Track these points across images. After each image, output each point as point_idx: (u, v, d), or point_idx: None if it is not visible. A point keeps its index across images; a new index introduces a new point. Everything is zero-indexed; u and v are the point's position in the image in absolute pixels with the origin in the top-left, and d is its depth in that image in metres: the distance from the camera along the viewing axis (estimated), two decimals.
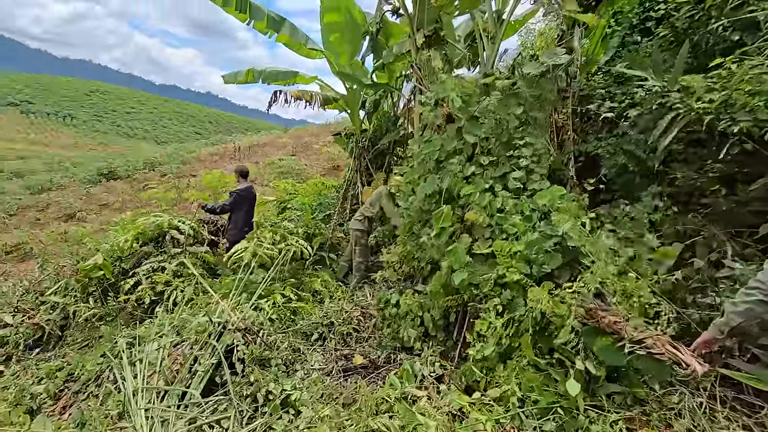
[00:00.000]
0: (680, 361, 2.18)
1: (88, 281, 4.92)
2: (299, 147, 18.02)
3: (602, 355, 2.47)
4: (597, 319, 2.53)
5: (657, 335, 2.33)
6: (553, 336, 2.63)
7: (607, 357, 2.47)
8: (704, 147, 3.78)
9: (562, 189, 3.45)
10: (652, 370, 2.47)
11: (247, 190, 5.72)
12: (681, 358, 2.18)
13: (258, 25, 6.03)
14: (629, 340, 2.34)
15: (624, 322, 2.42)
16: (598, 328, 2.52)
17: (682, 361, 2.17)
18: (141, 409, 3.10)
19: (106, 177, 16.61)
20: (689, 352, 2.23)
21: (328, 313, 4.22)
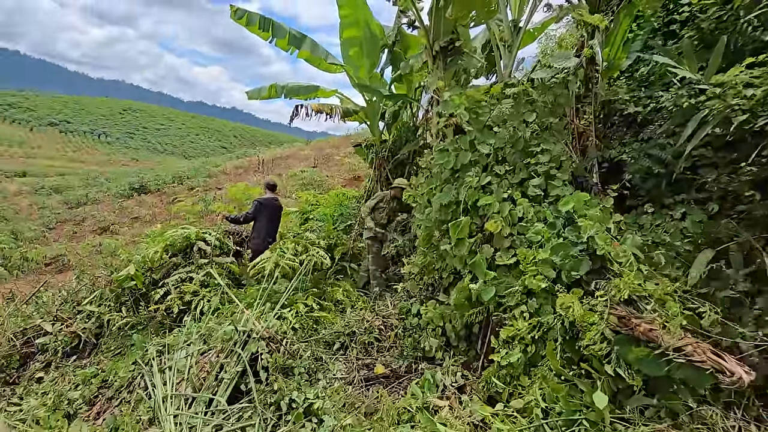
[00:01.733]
0: (724, 369, 2.08)
1: (121, 291, 5.14)
2: (321, 159, 18.33)
3: (638, 365, 2.39)
4: (631, 327, 2.45)
5: (697, 342, 2.24)
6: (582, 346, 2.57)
7: (643, 367, 2.39)
8: (735, 150, 3.66)
9: (586, 195, 3.39)
10: (692, 379, 2.36)
11: (269, 200, 5.80)
12: (725, 366, 2.08)
13: (280, 42, 6.24)
14: (667, 348, 2.25)
15: (660, 330, 2.33)
16: (632, 336, 2.44)
17: (726, 369, 2.07)
18: (170, 415, 3.20)
19: (137, 191, 17.34)
20: (734, 360, 2.12)
21: (350, 323, 4.24)
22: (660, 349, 2.28)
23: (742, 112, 3.26)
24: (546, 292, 2.90)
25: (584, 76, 5.17)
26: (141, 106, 73.10)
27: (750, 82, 3.23)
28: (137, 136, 61.32)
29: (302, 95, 6.79)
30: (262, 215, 5.70)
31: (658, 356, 2.30)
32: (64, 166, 35.54)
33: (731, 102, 3.26)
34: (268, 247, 5.25)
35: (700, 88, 3.71)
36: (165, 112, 73.51)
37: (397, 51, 6.79)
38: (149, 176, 19.32)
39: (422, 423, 2.54)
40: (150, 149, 57.53)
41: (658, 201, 4.05)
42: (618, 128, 5.32)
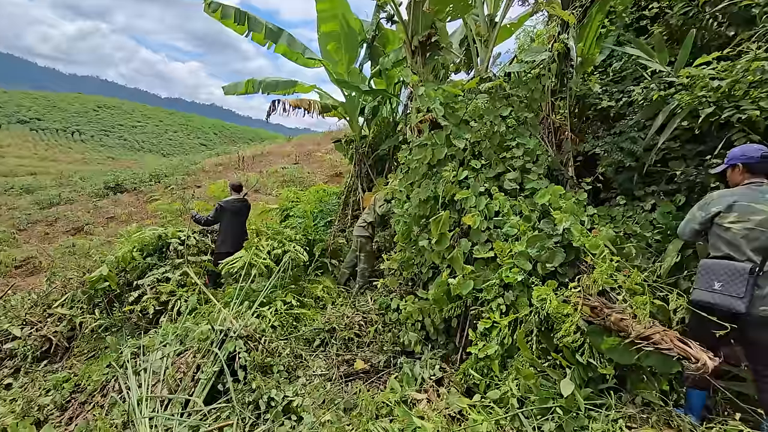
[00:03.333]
0: (689, 356, 2.15)
1: (94, 293, 4.99)
2: (302, 155, 18.15)
3: (610, 354, 2.44)
4: (603, 317, 2.50)
5: (664, 330, 2.30)
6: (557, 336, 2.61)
7: (615, 356, 2.45)
8: (702, 143, 3.77)
9: (561, 188, 3.45)
10: (660, 366, 2.43)
11: (231, 202, 5.53)
12: (690, 353, 2.15)
13: (256, 36, 6.13)
14: (636, 337, 2.31)
15: (630, 319, 2.39)
16: (604, 326, 2.50)
17: (692, 355, 2.14)
18: (145, 417, 3.13)
19: (113, 190, 16.84)
20: (699, 347, 2.19)
21: (330, 319, 4.23)
22: (630, 338, 2.34)
23: (708, 105, 3.37)
24: (522, 284, 2.94)
25: (559, 71, 5.25)
26: (116, 103, 70.91)
27: (715, 76, 3.33)
28: (113, 133, 59.50)
29: (280, 90, 6.69)
30: (225, 218, 5.48)
31: (628, 345, 2.36)
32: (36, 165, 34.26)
33: (699, 94, 3.36)
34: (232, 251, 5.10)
35: (669, 81, 3.81)
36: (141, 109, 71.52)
37: (376, 46, 6.76)
38: (125, 175, 18.79)
39: (400, 417, 2.55)
40: (126, 147, 55.92)
41: (630, 193, 4.16)
42: (592, 122, 5.43)
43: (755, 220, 2.40)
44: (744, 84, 3.21)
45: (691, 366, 2.12)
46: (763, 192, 2.47)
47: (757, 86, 3.23)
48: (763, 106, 3.07)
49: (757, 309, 2.33)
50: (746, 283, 2.32)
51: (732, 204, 2.50)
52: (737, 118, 3.16)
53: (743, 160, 2.58)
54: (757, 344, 2.41)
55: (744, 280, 2.34)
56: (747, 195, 2.49)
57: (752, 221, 2.41)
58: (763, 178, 2.54)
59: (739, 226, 2.45)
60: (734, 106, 3.22)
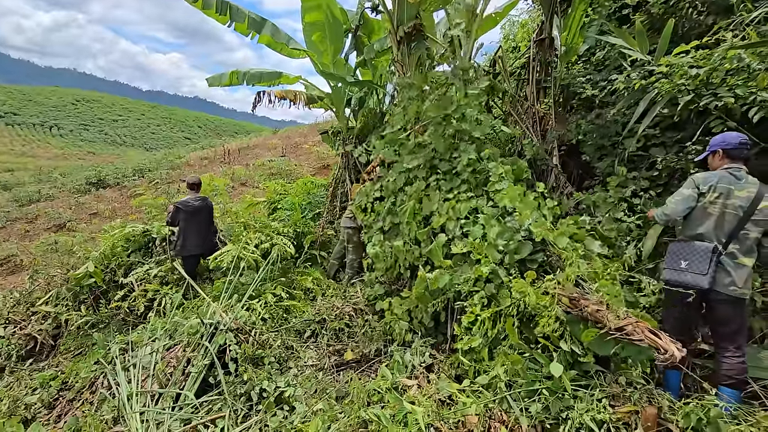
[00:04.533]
0: (659, 346, 2.25)
1: (80, 289, 4.92)
2: (289, 148, 17.99)
3: (590, 346, 2.53)
4: (580, 308, 2.58)
5: (637, 322, 2.39)
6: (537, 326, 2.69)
7: (593, 347, 2.53)
8: (681, 130, 3.86)
9: (521, 188, 3.57)
10: (635, 356, 2.52)
11: (186, 202, 5.11)
12: (660, 344, 2.25)
13: (239, 26, 6.02)
14: (611, 328, 2.40)
15: (606, 311, 2.48)
16: (582, 317, 2.58)
17: (661, 346, 2.24)
18: (136, 412, 3.12)
19: (95, 186, 16.47)
20: (668, 338, 2.29)
21: (321, 310, 4.25)
22: (605, 329, 2.42)
23: (687, 93, 3.44)
24: (498, 276, 3.01)
25: (544, 60, 5.30)
26: (95, 96, 68.96)
27: (694, 64, 3.40)
28: (93, 128, 57.94)
29: (265, 82, 6.60)
30: (182, 220, 5.08)
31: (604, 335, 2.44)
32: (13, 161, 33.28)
33: (678, 82, 3.43)
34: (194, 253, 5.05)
35: (650, 70, 3.87)
36: (122, 102, 69.75)
37: (361, 36, 6.70)
38: (108, 170, 18.36)
39: (391, 403, 2.60)
40: (108, 142, 54.56)
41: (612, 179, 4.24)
42: (576, 111, 5.50)
43: (729, 204, 2.55)
44: (721, 72, 3.29)
45: (660, 357, 2.22)
46: (739, 177, 2.60)
47: (733, 74, 3.31)
48: (739, 94, 3.15)
49: (720, 287, 2.46)
50: (709, 261, 2.49)
51: (714, 185, 2.64)
52: (714, 105, 3.25)
53: (723, 146, 2.71)
54: (721, 322, 2.55)
55: (707, 258, 2.51)
56: (725, 178, 2.63)
57: (727, 204, 2.55)
58: (741, 163, 2.67)
59: (715, 208, 2.60)
60: (712, 93, 3.30)
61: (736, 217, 2.51)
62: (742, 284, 2.47)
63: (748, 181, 2.58)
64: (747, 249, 2.51)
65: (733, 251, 2.53)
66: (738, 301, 2.48)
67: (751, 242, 2.50)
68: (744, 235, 2.50)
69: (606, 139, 4.36)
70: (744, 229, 2.50)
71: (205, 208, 5.24)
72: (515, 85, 5.78)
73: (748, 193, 2.53)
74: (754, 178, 2.61)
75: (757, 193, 2.50)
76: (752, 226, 2.49)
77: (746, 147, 2.65)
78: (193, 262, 5.12)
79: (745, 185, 2.57)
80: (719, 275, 2.51)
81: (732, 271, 2.50)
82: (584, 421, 2.31)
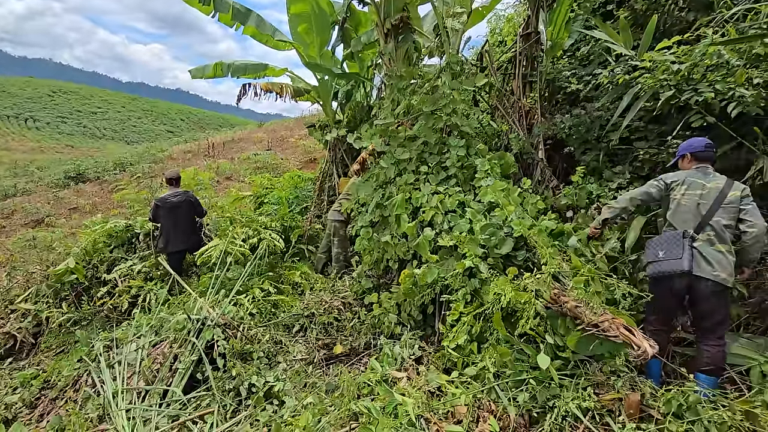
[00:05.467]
0: (633, 342, 2.32)
1: (60, 286, 4.80)
2: (275, 141, 17.77)
3: (572, 346, 2.58)
4: (560, 303, 2.65)
5: (613, 318, 2.46)
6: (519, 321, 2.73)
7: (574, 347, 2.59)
8: (663, 123, 3.94)
9: (503, 183, 3.63)
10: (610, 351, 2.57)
11: (165, 198, 5.00)
12: (633, 340, 2.33)
13: (223, 17, 5.89)
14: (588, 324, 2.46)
15: (584, 307, 2.54)
16: (561, 312, 2.65)
17: (635, 343, 2.31)
18: (122, 410, 3.08)
19: (74, 180, 16.00)
20: (641, 334, 2.38)
21: (309, 305, 4.24)
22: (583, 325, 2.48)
23: (669, 88, 3.51)
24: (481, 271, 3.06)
25: (530, 55, 5.33)
26: (73, 88, 66.79)
27: (675, 60, 3.47)
28: (71, 120, 56.17)
29: (250, 74, 6.50)
30: (163, 217, 4.98)
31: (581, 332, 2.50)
32: None
33: (660, 77, 3.50)
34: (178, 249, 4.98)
35: (633, 65, 3.94)
36: (101, 94, 67.70)
37: (347, 28, 6.63)
38: (87, 164, 17.85)
39: (381, 395, 2.61)
40: (87, 135, 53.00)
41: (597, 173, 4.32)
42: (562, 105, 5.57)
43: (701, 194, 2.72)
44: (701, 67, 3.36)
45: (633, 353, 2.29)
46: (706, 174, 2.80)
47: (713, 70, 3.39)
48: (719, 89, 3.24)
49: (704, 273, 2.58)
50: (682, 246, 2.64)
51: (682, 180, 2.83)
52: (695, 100, 3.32)
53: (690, 150, 2.91)
54: (705, 315, 2.64)
55: (679, 243, 2.66)
56: (694, 174, 2.83)
57: (697, 195, 2.73)
58: (708, 164, 2.86)
59: (687, 198, 2.76)
60: (692, 89, 3.38)
61: (707, 205, 2.68)
62: (723, 270, 2.56)
63: (716, 177, 2.78)
64: (721, 237, 2.62)
65: (710, 238, 2.64)
66: (721, 292, 2.57)
67: (723, 229, 2.62)
68: (716, 222, 2.63)
69: (590, 133, 4.43)
70: (715, 216, 2.64)
71: (186, 203, 5.11)
72: (502, 79, 5.81)
73: (717, 184, 2.72)
74: (721, 175, 2.80)
75: (725, 185, 2.70)
76: (723, 213, 2.64)
77: (712, 149, 2.87)
78: (177, 258, 5.04)
79: (714, 179, 2.76)
80: (699, 262, 2.61)
81: (710, 258, 2.60)
82: (570, 409, 2.37)
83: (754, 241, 2.59)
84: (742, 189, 2.67)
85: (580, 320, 2.52)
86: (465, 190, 3.91)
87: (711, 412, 2.14)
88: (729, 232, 2.63)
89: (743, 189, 2.67)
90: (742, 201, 2.63)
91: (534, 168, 5.03)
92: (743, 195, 2.65)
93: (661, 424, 2.21)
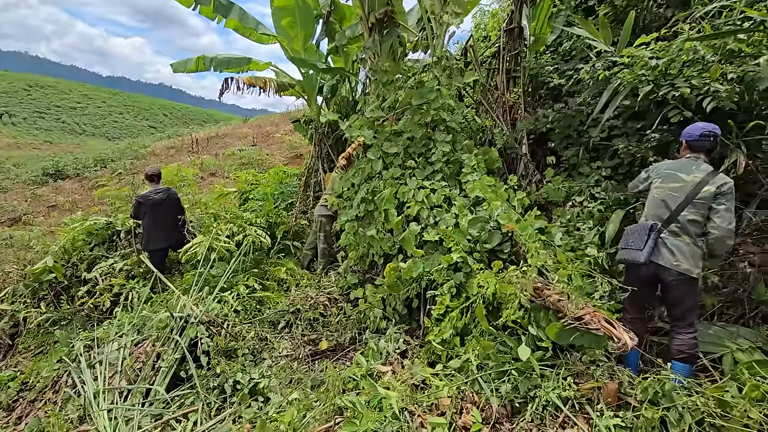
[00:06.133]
0: (613, 335, 2.38)
1: (39, 285, 4.69)
2: (260, 137, 17.55)
3: (552, 336, 2.63)
4: (543, 297, 2.69)
5: (594, 312, 2.52)
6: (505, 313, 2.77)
7: (555, 338, 2.64)
8: (642, 119, 4.02)
9: (491, 179, 3.64)
10: (594, 344, 2.62)
11: (147, 196, 4.92)
12: (614, 333, 2.39)
13: (204, 10, 5.79)
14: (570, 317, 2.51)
15: (566, 300, 2.59)
16: (544, 305, 2.70)
17: (614, 335, 2.37)
18: (103, 410, 3.03)
19: (53, 177, 15.57)
20: (621, 327, 2.44)
21: (294, 301, 4.22)
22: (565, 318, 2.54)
23: (647, 83, 3.57)
24: (468, 265, 3.08)
25: (513, 50, 5.36)
26: (50, 82, 64.68)
27: (653, 56, 3.53)
28: (49, 115, 54.43)
29: (233, 68, 6.39)
30: (145, 214, 4.90)
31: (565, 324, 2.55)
32: None
33: (639, 73, 3.56)
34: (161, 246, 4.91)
35: (613, 60, 3.99)
36: (80, 88, 65.67)
37: (332, 21, 6.57)
38: (66, 160, 17.35)
39: (366, 389, 2.63)
40: (66, 130, 51.49)
41: (578, 168, 4.39)
42: (545, 100, 5.62)
43: (675, 187, 2.75)
44: (678, 63, 3.43)
45: (613, 345, 2.35)
46: (690, 164, 2.79)
47: (690, 65, 3.46)
48: (695, 84, 3.30)
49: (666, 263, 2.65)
50: (646, 237, 2.70)
51: (662, 172, 2.86)
52: (672, 95, 3.39)
53: (686, 137, 2.89)
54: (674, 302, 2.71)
55: (645, 234, 2.73)
56: (677, 165, 2.84)
57: (673, 188, 2.76)
58: (701, 154, 2.82)
59: (659, 192, 2.81)
60: (670, 84, 3.44)
61: (678, 200, 2.71)
62: (685, 260, 2.62)
63: (700, 169, 2.72)
64: (686, 230, 2.67)
65: (675, 230, 2.70)
66: (688, 281, 2.63)
67: (690, 225, 2.66)
68: (683, 216, 2.68)
69: (571, 129, 4.49)
70: (684, 211, 2.68)
71: (168, 200, 5.04)
72: (486, 74, 5.84)
73: (695, 177, 2.70)
74: (708, 166, 2.75)
75: (702, 179, 2.67)
76: (691, 209, 2.66)
77: (708, 139, 2.77)
78: (160, 256, 4.97)
79: (695, 171, 2.72)
80: (663, 252, 2.69)
81: (674, 248, 2.66)
82: (551, 399, 2.42)
83: (714, 242, 2.64)
84: (719, 185, 2.61)
85: (563, 313, 2.57)
86: (451, 185, 3.92)
87: (685, 398, 2.21)
88: (695, 226, 2.67)
89: (721, 185, 2.61)
90: (716, 199, 2.60)
91: (518, 163, 5.08)
92: (719, 192, 2.60)
93: (638, 411, 2.28)
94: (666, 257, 2.67)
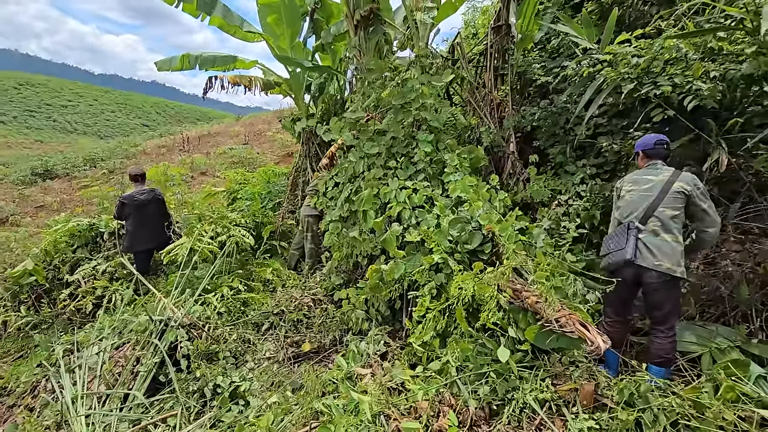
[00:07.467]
0: (587, 338, 2.37)
1: (19, 288, 4.62)
2: (252, 135, 17.44)
3: (530, 339, 2.61)
4: (522, 299, 2.68)
5: (570, 314, 2.50)
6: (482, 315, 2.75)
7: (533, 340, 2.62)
8: (626, 117, 4.00)
9: (473, 179, 3.64)
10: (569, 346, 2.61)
11: (131, 196, 4.85)
12: (588, 336, 2.38)
13: (187, 7, 5.70)
14: (547, 320, 2.50)
15: (544, 302, 2.57)
16: (523, 307, 2.68)
17: (588, 338, 2.36)
18: (81, 415, 2.99)
19: (41, 177, 15.40)
20: (596, 330, 2.43)
21: (279, 302, 4.18)
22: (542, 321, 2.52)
23: (630, 81, 3.56)
24: (449, 266, 3.06)
25: (501, 47, 5.33)
26: (41, 80, 63.91)
27: (636, 53, 3.51)
28: (40, 114, 53.81)
29: (219, 66, 6.31)
30: (129, 215, 4.84)
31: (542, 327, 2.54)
32: None
33: (622, 70, 3.54)
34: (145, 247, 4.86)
35: (597, 58, 3.97)
36: (72, 87, 64.93)
37: (318, 19, 6.51)
38: (55, 159, 17.17)
39: (344, 393, 2.60)
40: (57, 129, 50.95)
41: (564, 166, 4.37)
42: (533, 98, 5.60)
43: (645, 187, 2.80)
44: (661, 61, 3.41)
45: (587, 348, 2.34)
46: (654, 168, 2.86)
47: (673, 63, 3.44)
48: (677, 82, 3.29)
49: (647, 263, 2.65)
50: (626, 236, 2.74)
51: (632, 179, 2.93)
52: (654, 93, 3.37)
53: (642, 148, 2.98)
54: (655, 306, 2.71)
55: (624, 234, 2.76)
56: (642, 171, 2.92)
57: (643, 188, 2.81)
58: (658, 160, 2.90)
59: (632, 194, 2.85)
60: (652, 82, 3.43)
61: (651, 197, 2.74)
62: (666, 259, 2.61)
63: (665, 171, 2.81)
64: (667, 227, 2.67)
65: (655, 229, 2.69)
66: (669, 282, 2.61)
67: (668, 220, 2.67)
68: (661, 212, 2.69)
69: (557, 127, 4.47)
70: (660, 206, 2.69)
71: (153, 201, 4.98)
72: (474, 72, 5.80)
73: (663, 177, 2.77)
74: (671, 168, 2.83)
75: (670, 178, 2.73)
76: (669, 203, 2.68)
77: (662, 146, 2.89)
78: (145, 257, 4.91)
79: (661, 172, 2.80)
80: (643, 252, 2.68)
81: (654, 248, 2.65)
82: (528, 401, 2.40)
83: (705, 236, 2.73)
84: (688, 180, 2.67)
85: (540, 315, 2.55)
86: (434, 185, 3.90)
87: (660, 400, 2.20)
88: (676, 222, 2.67)
89: (694, 183, 2.66)
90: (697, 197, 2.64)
91: (505, 161, 5.06)
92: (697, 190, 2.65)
93: (614, 413, 2.27)
94: (647, 258, 2.66)
